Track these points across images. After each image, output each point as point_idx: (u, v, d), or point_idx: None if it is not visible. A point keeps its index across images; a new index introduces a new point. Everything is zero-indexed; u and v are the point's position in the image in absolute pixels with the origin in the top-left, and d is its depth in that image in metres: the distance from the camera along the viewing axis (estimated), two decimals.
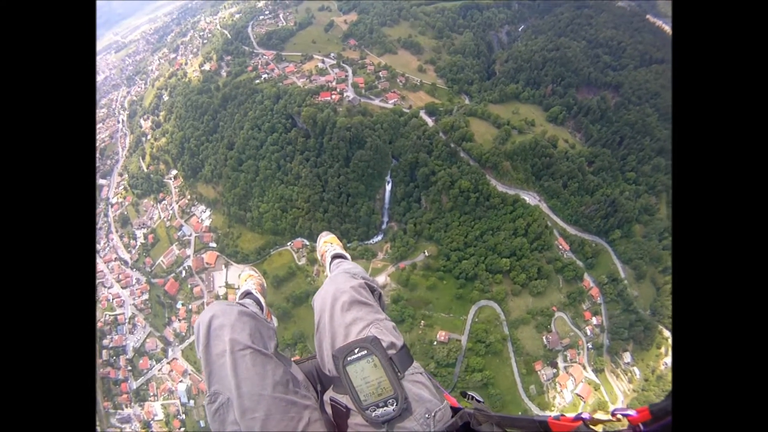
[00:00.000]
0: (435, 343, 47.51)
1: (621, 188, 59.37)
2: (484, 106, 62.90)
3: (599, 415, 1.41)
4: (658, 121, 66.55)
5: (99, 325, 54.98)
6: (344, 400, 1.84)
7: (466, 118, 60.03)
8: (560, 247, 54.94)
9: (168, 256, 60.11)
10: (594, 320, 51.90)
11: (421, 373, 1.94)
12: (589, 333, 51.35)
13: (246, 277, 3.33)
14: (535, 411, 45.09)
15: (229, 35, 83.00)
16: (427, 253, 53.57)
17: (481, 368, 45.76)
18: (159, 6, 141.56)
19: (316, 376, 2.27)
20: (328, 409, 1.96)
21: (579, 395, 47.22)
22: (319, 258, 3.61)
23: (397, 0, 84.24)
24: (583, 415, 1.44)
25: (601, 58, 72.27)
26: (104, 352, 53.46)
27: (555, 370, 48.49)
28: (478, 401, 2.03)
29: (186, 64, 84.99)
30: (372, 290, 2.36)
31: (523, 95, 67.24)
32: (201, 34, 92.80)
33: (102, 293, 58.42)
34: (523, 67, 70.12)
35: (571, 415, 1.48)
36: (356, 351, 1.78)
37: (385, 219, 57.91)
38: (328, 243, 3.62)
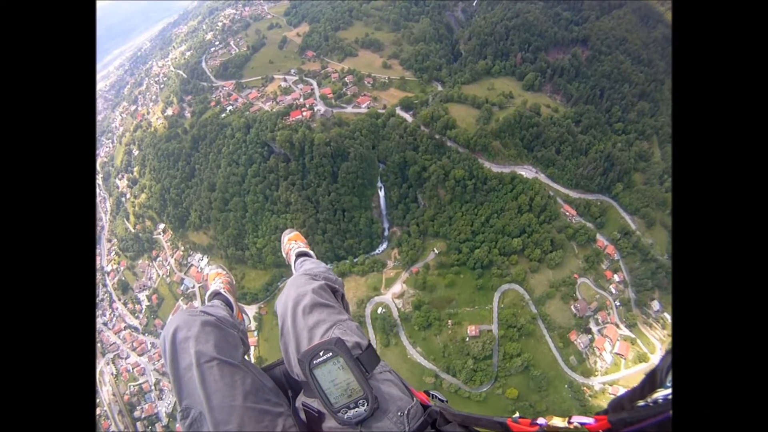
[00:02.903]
0: (467, 339, 46.28)
1: (612, 141, 58.55)
2: (459, 89, 61.35)
3: (555, 422, 1.43)
4: (632, 65, 65.77)
5: (126, 398, 53.68)
6: (315, 404, 1.81)
7: (443, 105, 58.45)
8: (567, 213, 53.86)
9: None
10: (616, 277, 51.17)
11: (389, 371, 1.91)
12: (614, 291, 50.68)
13: (213, 276, 3.19)
14: (580, 381, 45.15)
15: (184, 74, 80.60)
16: (437, 251, 52.02)
17: (518, 352, 44.86)
18: (108, 62, 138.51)
19: (286, 381, 2.17)
20: (302, 415, 1.90)
21: (618, 354, 46.87)
22: (284, 256, 3.54)
23: (345, 1, 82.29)
24: (539, 421, 1.48)
25: (561, 15, 71.15)
26: (138, 424, 51.55)
27: (590, 336, 47.82)
28: (442, 401, 1.96)
29: (148, 113, 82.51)
30: (334, 291, 2.32)
31: (495, 69, 65.81)
32: (156, 79, 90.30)
33: (121, 365, 56.93)
34: (487, 41, 68.68)
35: (528, 418, 1.52)
36: (321, 354, 1.73)
37: (386, 226, 56.18)
38: (292, 240, 3.53)
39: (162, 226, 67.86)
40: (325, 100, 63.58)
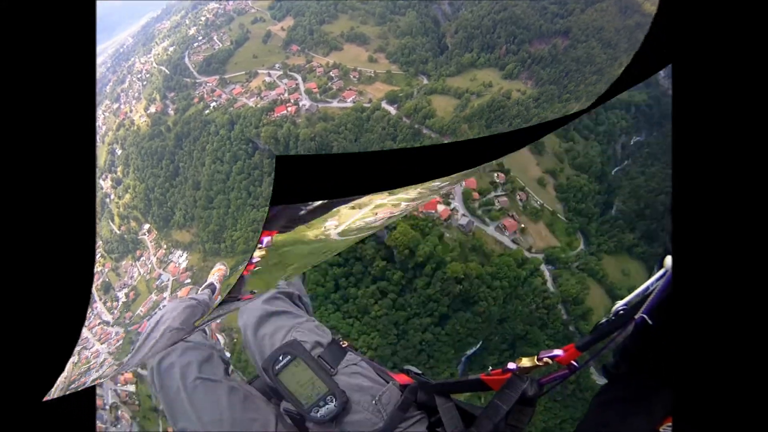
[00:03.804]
0: None
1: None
2: (443, 82, 61.25)
3: (525, 363, 1.43)
4: (600, 49, 66.30)
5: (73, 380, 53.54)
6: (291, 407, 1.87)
7: (426, 97, 58.46)
8: None
9: (146, 305, 57.81)
10: None
11: (355, 364, 1.90)
12: None
13: (214, 272, 3.45)
14: None
15: (167, 71, 79.37)
16: None
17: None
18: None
19: (269, 390, 2.20)
20: (287, 420, 1.98)
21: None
22: None
23: None
24: (510, 367, 1.48)
25: (548, 8, 71.48)
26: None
27: None
28: (417, 374, 1.97)
29: (131, 111, 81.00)
30: (289, 296, 2.38)
31: (480, 62, 65.77)
32: (139, 76, 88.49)
33: (83, 355, 56.19)
34: (474, 34, 68.66)
35: (499, 368, 1.54)
36: (281, 358, 1.79)
37: None
38: None
39: (147, 226, 66.86)
40: (310, 95, 62.94)
